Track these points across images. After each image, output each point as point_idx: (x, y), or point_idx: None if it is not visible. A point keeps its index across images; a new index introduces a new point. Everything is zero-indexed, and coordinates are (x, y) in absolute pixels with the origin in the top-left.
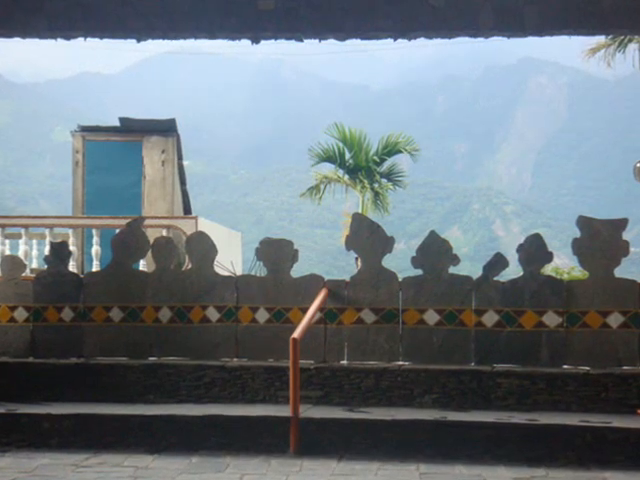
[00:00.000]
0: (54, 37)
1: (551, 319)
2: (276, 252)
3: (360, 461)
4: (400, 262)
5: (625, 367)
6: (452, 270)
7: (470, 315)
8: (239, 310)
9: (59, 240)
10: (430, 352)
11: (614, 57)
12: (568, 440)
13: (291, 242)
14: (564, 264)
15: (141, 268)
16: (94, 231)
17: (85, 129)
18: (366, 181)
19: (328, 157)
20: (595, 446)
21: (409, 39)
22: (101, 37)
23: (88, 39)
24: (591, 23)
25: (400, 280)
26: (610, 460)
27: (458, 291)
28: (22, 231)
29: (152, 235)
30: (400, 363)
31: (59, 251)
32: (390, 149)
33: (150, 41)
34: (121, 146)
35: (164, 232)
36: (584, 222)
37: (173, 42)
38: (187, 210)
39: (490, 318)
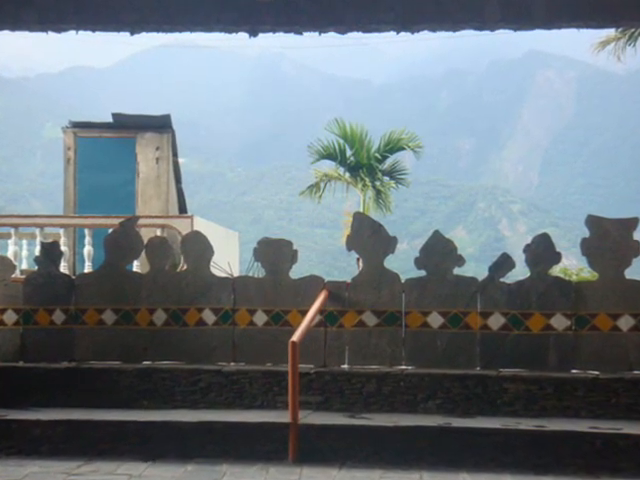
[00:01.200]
0: (45, 30)
1: (559, 322)
2: (275, 252)
3: (361, 469)
4: (403, 263)
5: (636, 371)
6: (457, 271)
7: (475, 318)
8: (236, 312)
9: (50, 240)
10: (434, 356)
11: (624, 51)
12: (577, 447)
13: (290, 242)
14: (572, 265)
15: (135, 269)
16: (86, 231)
17: (77, 125)
18: (367, 179)
19: (328, 154)
20: (605, 453)
21: (412, 32)
22: (93, 30)
23: (80, 32)
24: (600, 15)
25: (403, 282)
26: (620, 468)
27: (463, 293)
28: (12, 231)
29: (146, 235)
30: (403, 367)
31: (50, 251)
32: (392, 146)
33: (144, 34)
34: (114, 143)
35: (159, 232)
36: (593, 221)
37: (168, 35)
38: (182, 209)
39: (496, 321)
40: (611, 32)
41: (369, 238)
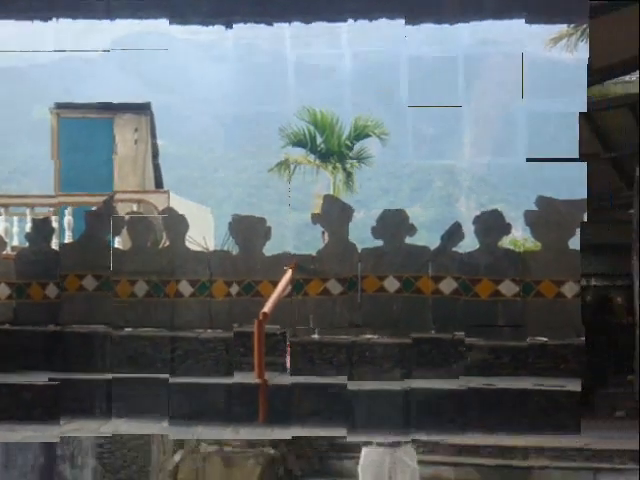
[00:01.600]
0: (30, 19)
1: (507, 288)
2: (248, 229)
3: (327, 428)
4: (360, 232)
5: (583, 337)
6: (410, 241)
7: (427, 282)
8: (213, 284)
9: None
10: (390, 320)
11: (577, 46)
12: (523, 405)
13: (263, 219)
14: (520, 236)
15: (116, 246)
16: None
17: (60, 106)
18: (339, 164)
19: (299, 140)
20: (549, 411)
21: (370, 20)
22: (74, 18)
23: (60, 20)
24: (551, 10)
25: (360, 251)
26: (564, 424)
27: (416, 261)
28: (1, 210)
29: (123, 210)
30: (369, 336)
31: (42, 227)
32: (359, 132)
33: (123, 23)
34: (93, 123)
35: (135, 207)
36: (543, 202)
37: (145, 26)
38: (159, 185)
39: (448, 285)
40: (563, 27)
41: (337, 218)
